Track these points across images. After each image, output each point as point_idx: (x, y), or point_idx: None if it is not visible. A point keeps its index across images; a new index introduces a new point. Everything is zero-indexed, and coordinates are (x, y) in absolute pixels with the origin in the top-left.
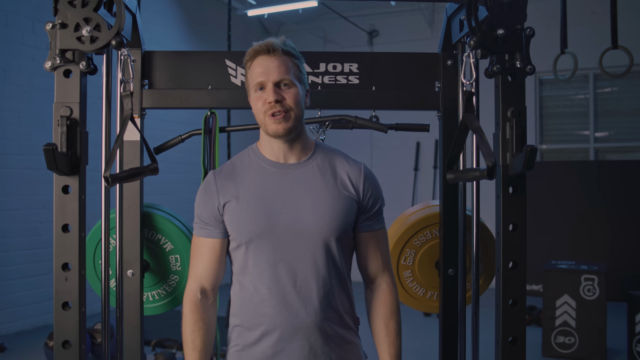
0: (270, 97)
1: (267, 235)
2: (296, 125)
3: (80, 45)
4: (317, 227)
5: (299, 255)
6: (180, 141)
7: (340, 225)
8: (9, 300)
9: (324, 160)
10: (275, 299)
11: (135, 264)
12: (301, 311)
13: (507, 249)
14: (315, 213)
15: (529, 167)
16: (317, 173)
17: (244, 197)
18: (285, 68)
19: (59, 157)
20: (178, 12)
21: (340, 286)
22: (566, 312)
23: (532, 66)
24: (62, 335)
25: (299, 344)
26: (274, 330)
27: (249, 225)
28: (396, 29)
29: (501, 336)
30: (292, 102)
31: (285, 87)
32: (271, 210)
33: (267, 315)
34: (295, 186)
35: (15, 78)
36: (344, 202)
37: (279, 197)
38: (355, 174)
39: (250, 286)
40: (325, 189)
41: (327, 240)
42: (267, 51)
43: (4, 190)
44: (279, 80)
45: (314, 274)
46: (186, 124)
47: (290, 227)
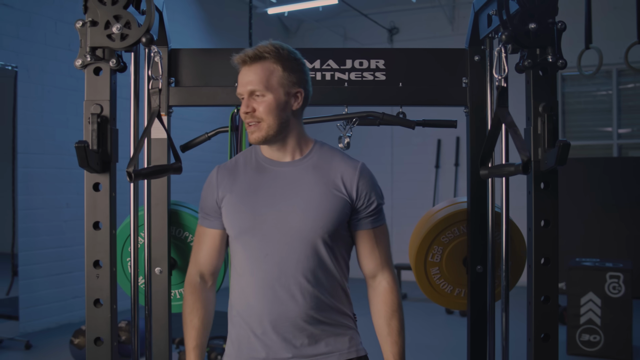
0: (242, 108)
1: (254, 231)
2: (272, 133)
3: (111, 42)
4: (302, 225)
5: (285, 252)
6: (207, 139)
7: (327, 225)
8: (34, 299)
9: (320, 159)
10: (262, 292)
11: (163, 261)
12: (287, 306)
13: (539, 245)
14: (301, 211)
15: (561, 162)
16: (309, 172)
17: (238, 192)
18: (260, 77)
19: (90, 155)
20: (198, 11)
21: (330, 283)
22: (591, 310)
23: (564, 60)
24: (94, 332)
25: (286, 336)
26: (261, 322)
27: (238, 219)
28: (416, 25)
29: (533, 333)
30: (263, 113)
31: (258, 97)
32: (259, 206)
33: (254, 308)
34: (286, 184)
35: (38, 77)
36: (334, 201)
37: (268, 194)
38: (349, 174)
39: (241, 278)
40: (315, 188)
41: (312, 239)
42: (243, 61)
43: (27, 189)
44: (251, 91)
45: (299, 270)
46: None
47: (276, 223)
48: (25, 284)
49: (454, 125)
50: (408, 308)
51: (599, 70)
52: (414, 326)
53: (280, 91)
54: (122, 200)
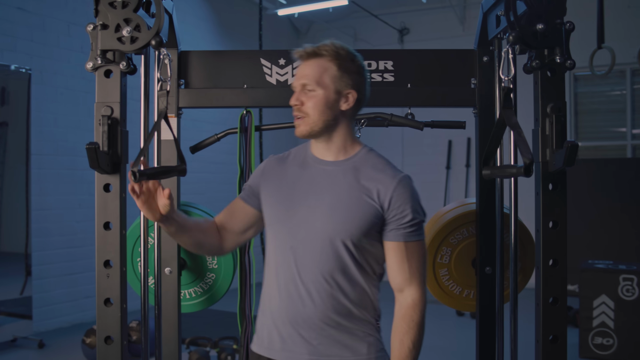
0: (291, 100)
1: (283, 222)
2: (316, 129)
3: (121, 45)
4: (325, 224)
5: (307, 248)
6: (216, 140)
7: (350, 229)
8: (47, 298)
9: (362, 164)
10: (284, 287)
11: (173, 261)
12: (306, 304)
13: (547, 246)
14: (328, 211)
15: (569, 163)
16: (348, 174)
17: (278, 183)
18: (313, 73)
19: (101, 156)
20: (209, 13)
21: (352, 288)
22: (604, 313)
23: (572, 61)
24: (105, 331)
25: (303, 334)
26: (281, 316)
27: (272, 208)
28: (427, 26)
29: (541, 335)
30: (310, 108)
31: (309, 92)
32: (293, 199)
33: (276, 300)
34: (321, 182)
35: (51, 80)
36: (363, 207)
37: (303, 189)
38: (387, 183)
39: (269, 269)
40: (348, 191)
41: (333, 240)
42: (301, 56)
43: (40, 190)
44: (303, 84)
45: (318, 269)
46: (218, 123)
47: (303, 218)
48: (38, 283)
49: (463, 127)
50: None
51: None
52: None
53: (331, 89)
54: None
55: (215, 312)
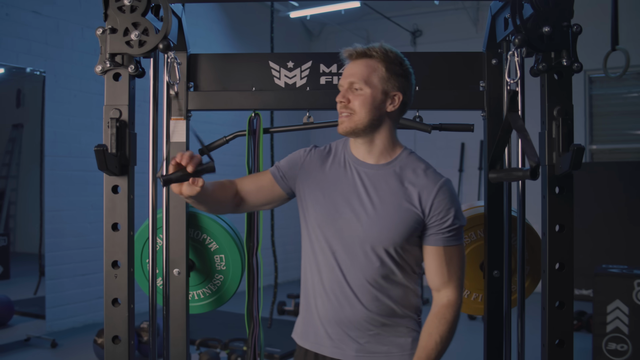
0: (337, 98)
1: (325, 225)
2: (361, 127)
3: (129, 49)
4: (370, 234)
5: (352, 254)
6: (225, 142)
7: (394, 237)
8: (60, 298)
9: (404, 168)
10: (329, 287)
11: (181, 263)
12: (352, 306)
13: (553, 250)
14: (371, 220)
15: (575, 166)
16: (390, 179)
17: (320, 182)
18: (361, 72)
19: (109, 158)
20: (221, 15)
21: (396, 290)
22: (618, 318)
23: (580, 64)
24: (112, 331)
25: (350, 333)
26: (327, 317)
27: (314, 209)
28: (440, 28)
29: (547, 339)
30: (357, 106)
31: (356, 91)
32: (337, 202)
33: (320, 299)
34: (365, 186)
35: (65, 82)
36: (405, 215)
37: (347, 192)
38: (428, 189)
39: (312, 267)
40: (391, 198)
41: (377, 247)
42: (350, 56)
43: (54, 191)
44: (350, 83)
45: (362, 274)
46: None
47: (347, 225)
48: (51, 283)
49: (471, 129)
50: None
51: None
52: None
53: (379, 89)
54: (142, 203)
55: (226, 313)
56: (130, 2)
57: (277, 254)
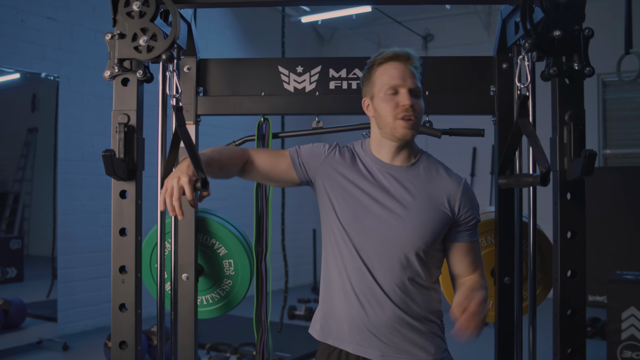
0: (406, 101)
1: (352, 226)
2: (416, 134)
3: (138, 54)
4: (401, 237)
5: (382, 257)
6: None
7: (425, 236)
8: (72, 301)
9: (426, 169)
10: (357, 288)
11: (190, 267)
12: (378, 306)
13: (565, 257)
14: (403, 219)
15: (587, 172)
16: (417, 180)
17: (344, 181)
18: (417, 79)
19: (117, 163)
20: (233, 20)
21: (420, 291)
22: (633, 326)
23: (591, 68)
24: (119, 336)
25: (375, 333)
26: (352, 318)
27: (340, 208)
28: (451, 32)
29: (559, 348)
30: (419, 112)
31: (415, 97)
32: (363, 204)
33: (342, 298)
34: (394, 188)
35: (78, 87)
36: (436, 215)
37: (373, 194)
38: (454, 189)
39: (332, 265)
40: (421, 199)
41: (407, 248)
42: (407, 59)
43: (67, 195)
44: (413, 88)
45: (390, 275)
46: (240, 130)
47: (375, 227)
48: (64, 287)
49: (482, 134)
50: None
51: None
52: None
53: (421, 96)
54: (151, 207)
55: (236, 317)
56: (139, 7)
57: (287, 258)
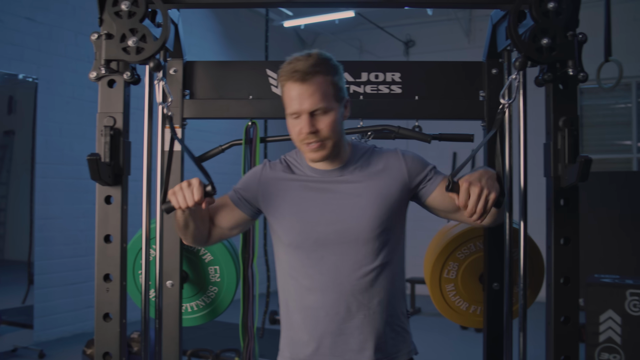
0: (304, 129)
1: (309, 242)
2: (335, 150)
3: (126, 55)
4: (357, 228)
5: (342, 256)
6: (221, 151)
7: (381, 221)
8: (49, 308)
9: (362, 159)
10: (329, 302)
11: (175, 274)
12: (353, 314)
13: (559, 263)
14: (355, 215)
15: (583, 178)
16: (355, 175)
17: (286, 199)
18: (320, 94)
19: (102, 167)
20: (215, 24)
21: (391, 285)
22: (610, 328)
23: (585, 73)
24: (103, 347)
25: (350, 339)
26: (326, 330)
27: (291, 228)
28: (432, 38)
29: (553, 355)
30: (328, 131)
31: (320, 115)
32: (312, 217)
33: (313, 316)
34: (335, 190)
35: (57, 89)
36: (386, 197)
37: (319, 203)
38: (394, 163)
39: (294, 287)
40: (365, 190)
41: (369, 239)
42: (302, 77)
43: (45, 199)
44: (313, 109)
45: (357, 274)
46: (223, 134)
47: (331, 231)
48: (40, 292)
49: (471, 139)
50: (422, 323)
51: (619, 83)
52: (427, 341)
53: (338, 105)
54: (135, 212)
55: (217, 323)
56: (128, 7)
57: (269, 262)
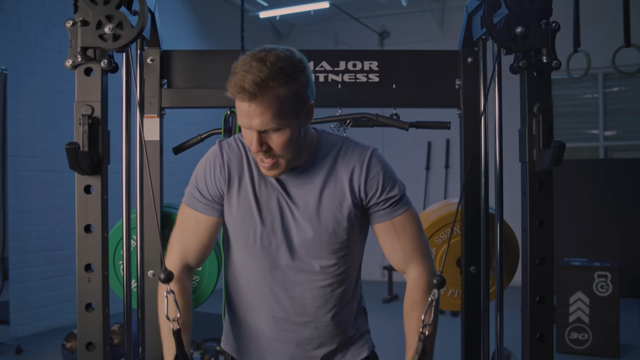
0: (253, 147)
1: (261, 242)
2: (289, 165)
3: (103, 43)
4: (306, 248)
5: (297, 272)
6: (200, 141)
7: (332, 240)
8: (25, 303)
9: (327, 156)
10: (279, 316)
11: (156, 264)
12: (309, 326)
13: (535, 245)
14: (304, 233)
15: (557, 162)
16: (317, 175)
17: (245, 194)
18: (271, 113)
19: (81, 157)
20: (190, 15)
21: (343, 294)
22: (579, 309)
23: (558, 61)
24: (86, 337)
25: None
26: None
27: (244, 227)
28: (407, 30)
29: (529, 333)
30: (281, 149)
31: (273, 132)
32: (266, 216)
33: (261, 331)
34: (288, 197)
35: (28, 81)
36: (338, 212)
37: (272, 207)
38: (357, 171)
39: (241, 293)
40: (322, 196)
41: (321, 256)
42: (249, 99)
43: (19, 193)
44: (264, 129)
45: (310, 286)
46: (200, 125)
47: (280, 243)
48: (16, 288)
49: (448, 127)
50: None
51: (587, 73)
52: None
53: (295, 119)
54: (115, 204)
55: (198, 313)
56: None
57: None
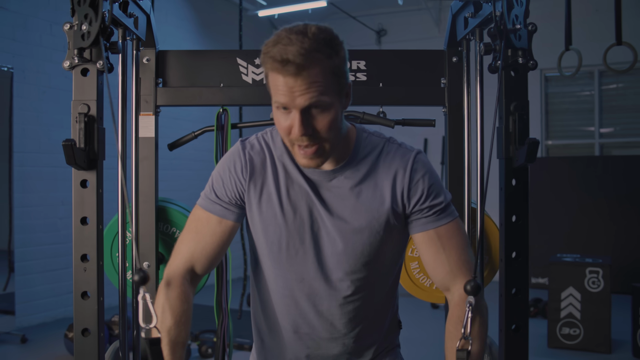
0: (296, 131)
1: (282, 256)
2: (333, 151)
3: (82, 42)
4: (337, 259)
5: (327, 287)
6: (194, 137)
7: (367, 251)
8: (30, 294)
9: (366, 159)
10: (292, 323)
11: (151, 256)
12: (329, 337)
13: (510, 239)
14: (335, 242)
15: (530, 159)
16: (351, 181)
17: (264, 203)
18: (318, 88)
19: (78, 153)
20: (190, 13)
21: (374, 309)
22: (571, 304)
23: (535, 62)
24: (82, 324)
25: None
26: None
27: (266, 244)
28: (404, 28)
29: (504, 324)
30: (327, 132)
31: (318, 112)
32: (288, 227)
33: (285, 337)
34: (321, 201)
35: (33, 79)
36: (375, 220)
37: (301, 212)
38: (400, 174)
39: (268, 313)
40: (358, 207)
41: (353, 269)
42: (295, 74)
43: (23, 187)
44: (309, 105)
45: (338, 307)
46: (198, 122)
47: (308, 253)
48: (21, 279)
49: (433, 125)
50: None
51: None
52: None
53: (338, 97)
54: (111, 198)
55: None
56: None
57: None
